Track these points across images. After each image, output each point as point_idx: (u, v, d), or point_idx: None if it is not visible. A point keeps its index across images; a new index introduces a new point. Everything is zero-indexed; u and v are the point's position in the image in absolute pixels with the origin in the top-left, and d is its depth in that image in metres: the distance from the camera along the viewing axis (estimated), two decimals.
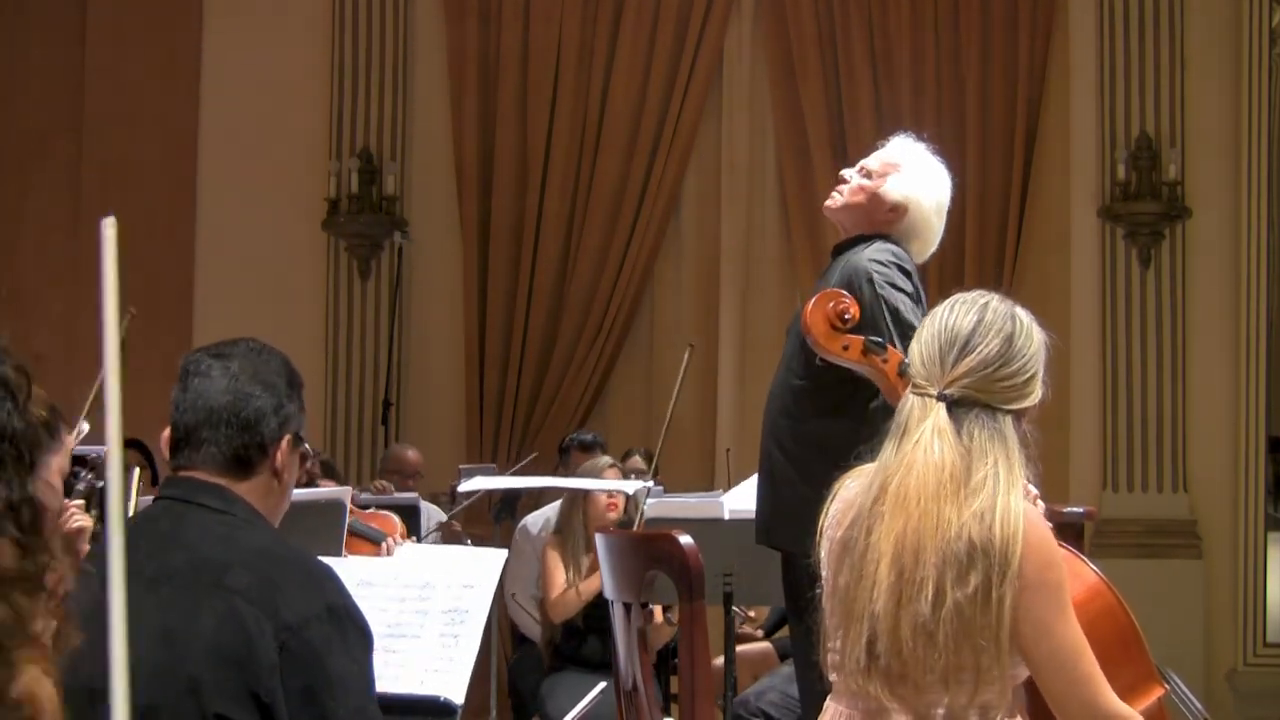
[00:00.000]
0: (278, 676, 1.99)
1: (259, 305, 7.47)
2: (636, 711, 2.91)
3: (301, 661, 2.01)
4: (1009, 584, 2.17)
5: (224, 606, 2.01)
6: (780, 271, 7.56)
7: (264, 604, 2.02)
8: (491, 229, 7.66)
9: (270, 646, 1.99)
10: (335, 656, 2.04)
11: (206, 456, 2.17)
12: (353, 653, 2.08)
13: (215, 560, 2.07)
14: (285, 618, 2.02)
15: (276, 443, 2.20)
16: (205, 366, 2.20)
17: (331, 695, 2.03)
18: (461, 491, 5.49)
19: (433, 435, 7.64)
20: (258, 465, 2.19)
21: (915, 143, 3.74)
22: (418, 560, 3.26)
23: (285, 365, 2.27)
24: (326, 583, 2.11)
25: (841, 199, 3.63)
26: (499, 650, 5.74)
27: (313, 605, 2.05)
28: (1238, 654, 6.98)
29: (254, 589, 2.03)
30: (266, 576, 2.06)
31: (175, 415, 2.19)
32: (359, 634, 2.10)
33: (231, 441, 2.17)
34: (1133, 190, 7.10)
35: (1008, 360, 2.31)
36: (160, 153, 7.92)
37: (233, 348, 2.23)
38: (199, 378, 2.19)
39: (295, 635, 2.01)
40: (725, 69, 7.68)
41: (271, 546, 2.15)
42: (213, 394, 2.17)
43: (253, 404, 2.18)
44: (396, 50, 7.78)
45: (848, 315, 3.15)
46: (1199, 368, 7.13)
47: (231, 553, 2.09)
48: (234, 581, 2.03)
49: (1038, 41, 7.34)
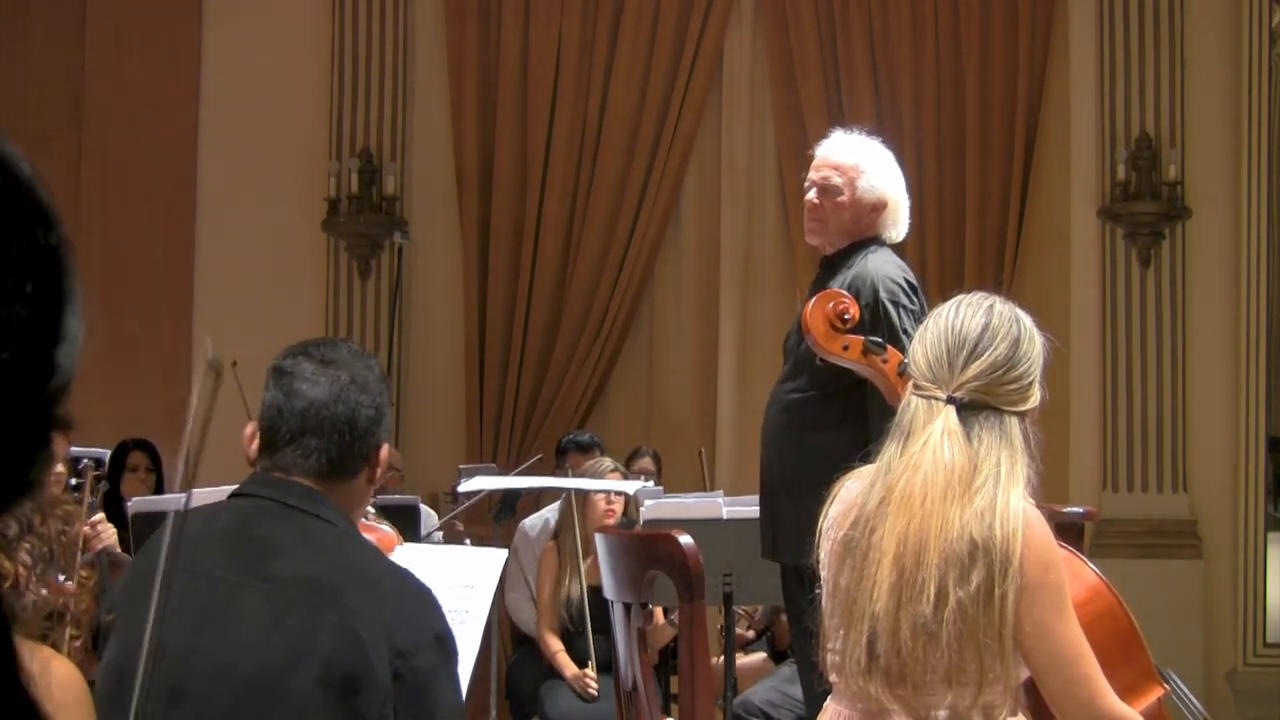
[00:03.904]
0: (391, 703, 1.98)
1: (259, 305, 7.47)
2: (636, 711, 2.91)
3: (413, 690, 2.00)
4: (1010, 582, 2.18)
5: (343, 626, 1.99)
6: (780, 271, 7.56)
7: (382, 627, 2.00)
8: (491, 229, 7.66)
9: (386, 672, 1.98)
10: (442, 686, 2.04)
11: (312, 464, 2.13)
12: (455, 681, 2.09)
13: (329, 575, 2.05)
14: (399, 644, 2.00)
15: (377, 450, 2.20)
16: (311, 371, 2.16)
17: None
18: (461, 492, 5.48)
19: (433, 435, 7.64)
20: (359, 473, 2.18)
21: (851, 137, 3.73)
22: (418, 560, 3.26)
23: (382, 371, 2.26)
24: (433, 608, 2.10)
25: (824, 224, 3.63)
26: (499, 650, 5.74)
27: (424, 632, 2.04)
28: (1238, 654, 6.97)
29: (371, 610, 2.01)
30: (382, 598, 2.04)
31: (273, 417, 2.15)
32: (457, 660, 2.11)
33: (342, 449, 2.14)
34: (1133, 190, 7.10)
35: (1015, 364, 2.32)
36: (160, 153, 7.91)
37: (335, 352, 2.20)
38: (304, 382, 2.15)
39: (408, 662, 2.00)
40: (725, 69, 7.68)
41: (382, 564, 2.14)
42: (323, 400, 2.14)
43: (363, 413, 2.16)
44: (396, 50, 7.78)
45: (848, 315, 3.15)
46: (1199, 368, 7.12)
47: (344, 569, 2.07)
48: (351, 601, 2.01)
49: (1038, 41, 7.34)
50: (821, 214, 3.62)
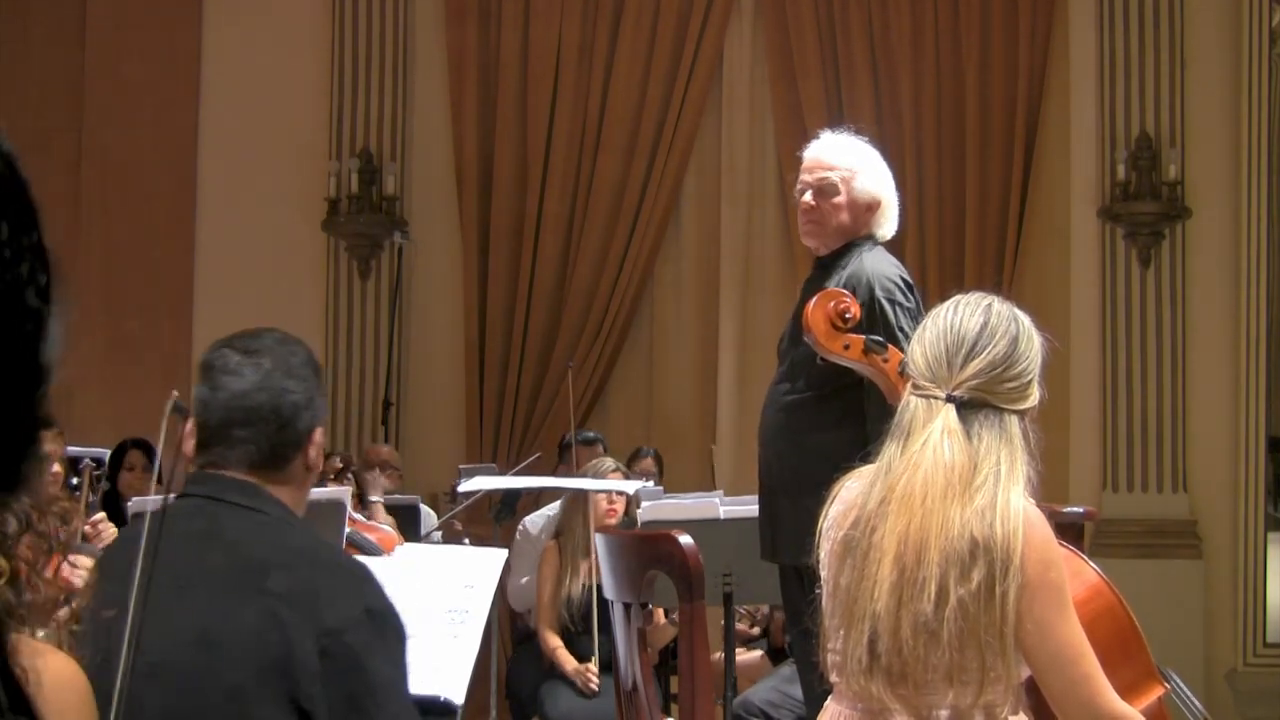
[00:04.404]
0: (319, 682, 1.97)
1: (259, 305, 7.46)
2: (636, 711, 2.91)
3: (343, 667, 1.99)
4: (1011, 580, 2.18)
5: (265, 610, 1.99)
6: (780, 271, 7.55)
7: (305, 608, 1.99)
8: (491, 229, 7.66)
9: (312, 652, 1.97)
10: (376, 661, 2.02)
11: (241, 454, 2.13)
12: (393, 656, 2.06)
13: (255, 562, 2.05)
14: (326, 622, 1.99)
15: (309, 436, 2.19)
16: (235, 363, 2.15)
17: (374, 701, 2.01)
18: (461, 491, 5.49)
19: (433, 435, 7.65)
20: (293, 461, 2.17)
21: (840, 137, 3.74)
22: (418, 560, 3.26)
23: (310, 355, 2.24)
24: (365, 584, 2.08)
25: (822, 226, 3.63)
26: (499, 650, 5.74)
27: (353, 609, 2.02)
28: (1238, 654, 6.97)
29: (295, 592, 2.00)
30: (307, 579, 2.03)
31: (202, 413, 2.14)
32: (397, 635, 2.08)
33: (270, 439, 2.14)
34: (1133, 190, 7.10)
35: (1013, 362, 2.33)
36: (160, 153, 7.92)
37: (258, 341, 2.18)
38: (228, 375, 2.14)
39: (336, 640, 1.99)
40: (725, 69, 7.68)
41: (310, 547, 2.13)
42: (246, 391, 2.13)
43: (288, 399, 2.15)
44: (396, 50, 7.78)
45: (848, 315, 3.15)
46: (1199, 367, 7.12)
47: (271, 554, 2.06)
48: (275, 585, 2.01)
49: (1038, 41, 7.34)
50: (819, 215, 3.62)
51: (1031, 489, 2.30)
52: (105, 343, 7.22)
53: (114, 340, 7.33)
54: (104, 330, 7.32)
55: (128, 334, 7.51)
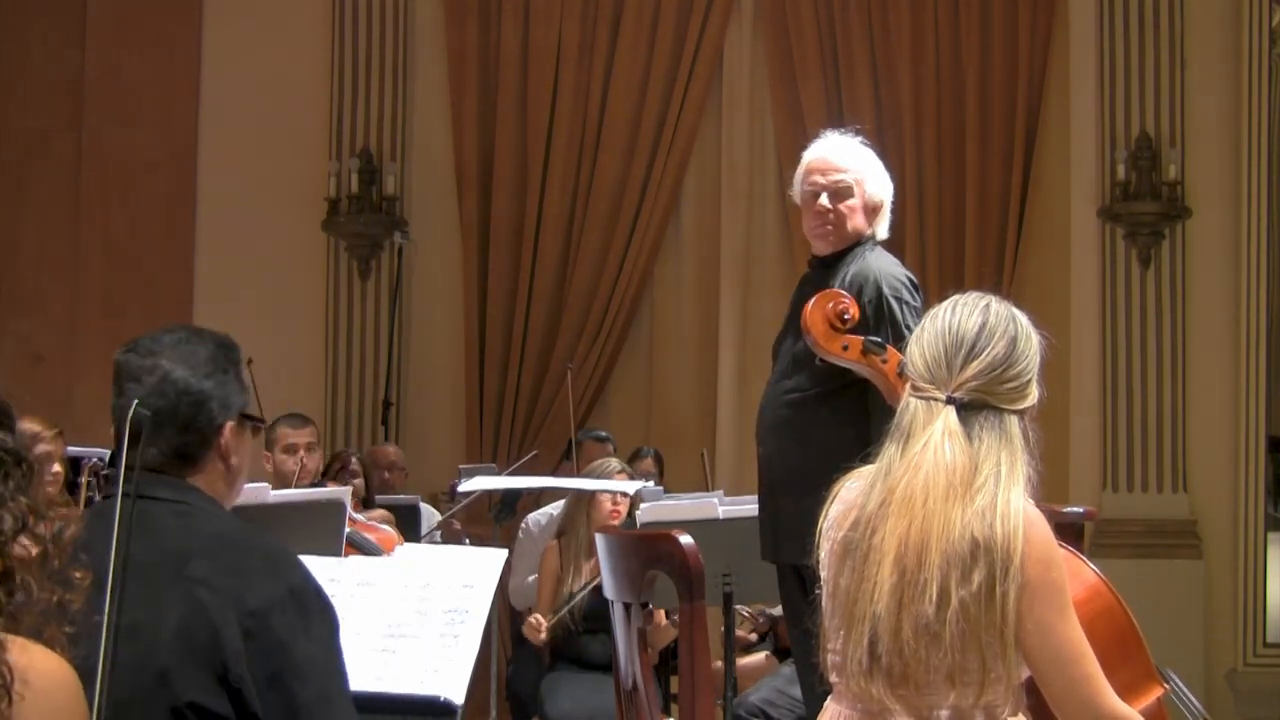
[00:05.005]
0: (244, 663, 2.00)
1: (259, 305, 7.47)
2: (636, 711, 2.91)
3: (266, 647, 2.02)
4: (1011, 580, 2.18)
5: (187, 596, 2.02)
6: (780, 271, 7.55)
7: (226, 591, 2.02)
8: (491, 229, 7.66)
9: (235, 633, 2.00)
10: (299, 640, 2.05)
11: (154, 455, 2.15)
12: (317, 635, 2.08)
13: (175, 550, 2.07)
14: (248, 603, 2.02)
15: (219, 431, 2.20)
16: (135, 368, 2.19)
17: (297, 679, 2.03)
18: (461, 491, 5.49)
19: (433, 435, 7.64)
20: (203, 457, 2.20)
21: (844, 139, 3.74)
22: (418, 560, 3.26)
23: (218, 348, 2.25)
24: (288, 566, 2.11)
25: (839, 228, 3.63)
26: (499, 650, 5.74)
27: (275, 589, 2.05)
28: (1238, 654, 6.97)
29: (216, 577, 2.04)
30: (228, 563, 2.06)
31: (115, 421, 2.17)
32: (322, 615, 2.10)
33: (171, 442, 2.17)
34: (1133, 190, 7.10)
35: (1013, 362, 2.33)
36: (160, 153, 7.91)
37: (157, 343, 2.22)
38: (130, 381, 2.18)
39: (259, 620, 2.02)
40: (725, 69, 7.68)
41: (230, 532, 2.15)
42: (146, 398, 2.15)
43: (186, 401, 2.17)
44: (396, 50, 7.77)
45: (847, 315, 3.16)
46: (1199, 368, 7.12)
47: (191, 541, 2.09)
48: (195, 571, 2.04)
49: (1038, 41, 7.34)
50: (836, 218, 3.61)
51: (1031, 489, 2.30)
52: (105, 342, 7.21)
53: (114, 340, 7.32)
54: (104, 330, 7.32)
55: (128, 333, 7.50)
